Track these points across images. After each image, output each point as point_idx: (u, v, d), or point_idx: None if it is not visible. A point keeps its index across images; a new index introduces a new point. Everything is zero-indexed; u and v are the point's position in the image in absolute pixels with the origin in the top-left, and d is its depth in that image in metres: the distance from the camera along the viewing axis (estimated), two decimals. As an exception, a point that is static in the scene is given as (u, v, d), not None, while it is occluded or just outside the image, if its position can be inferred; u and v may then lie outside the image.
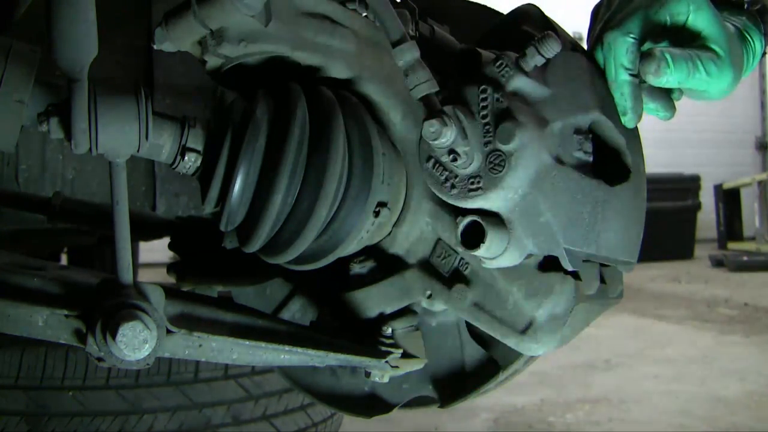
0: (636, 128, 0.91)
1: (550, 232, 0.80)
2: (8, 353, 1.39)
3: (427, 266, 0.91)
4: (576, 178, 0.81)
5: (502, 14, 1.03)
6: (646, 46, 0.85)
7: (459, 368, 0.99)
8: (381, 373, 0.91)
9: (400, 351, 0.91)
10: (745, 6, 0.93)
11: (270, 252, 0.85)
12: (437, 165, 0.82)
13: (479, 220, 0.80)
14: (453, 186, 0.81)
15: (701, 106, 9.55)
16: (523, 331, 0.85)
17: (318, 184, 0.80)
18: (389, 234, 0.93)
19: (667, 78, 0.81)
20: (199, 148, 0.81)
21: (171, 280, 1.12)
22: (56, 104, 0.73)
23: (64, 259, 2.96)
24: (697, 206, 7.89)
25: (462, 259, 0.88)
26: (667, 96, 0.88)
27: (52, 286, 0.76)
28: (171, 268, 1.10)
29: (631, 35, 0.83)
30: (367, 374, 0.92)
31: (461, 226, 0.81)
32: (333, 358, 0.86)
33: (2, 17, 0.88)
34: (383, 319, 0.93)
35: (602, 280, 0.90)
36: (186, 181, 1.62)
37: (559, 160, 0.81)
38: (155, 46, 0.81)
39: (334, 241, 0.85)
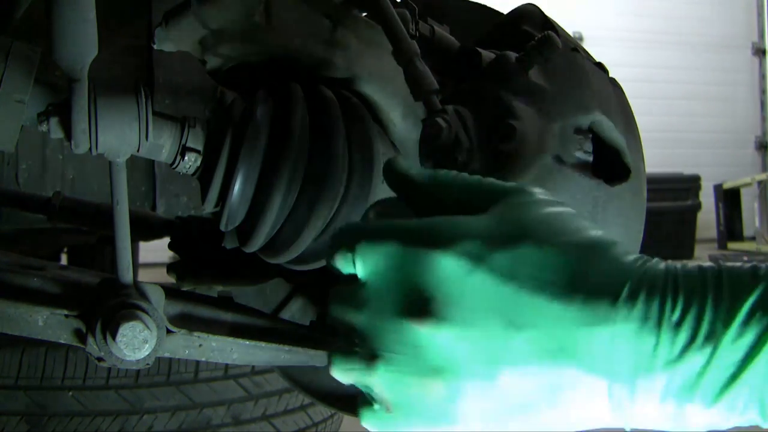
0: (636, 128, 0.91)
1: (550, 232, 0.80)
2: (8, 353, 1.39)
3: (427, 266, 0.91)
4: (576, 178, 0.81)
5: (502, 14, 1.03)
6: None
7: (459, 368, 0.99)
8: (381, 373, 0.91)
9: (400, 351, 0.91)
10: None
11: (270, 252, 0.85)
12: (437, 165, 0.82)
13: (479, 220, 0.80)
14: (453, 186, 0.81)
15: (701, 106, 9.55)
16: (523, 331, 0.85)
17: (318, 184, 0.80)
18: (389, 234, 0.93)
19: None
20: (199, 148, 0.81)
21: (171, 280, 1.11)
22: (56, 104, 0.73)
23: (64, 259, 2.96)
24: (697, 206, 7.88)
25: (462, 258, 0.88)
26: None
27: (52, 286, 0.76)
28: (171, 268, 1.10)
29: None
30: (367, 374, 0.92)
31: (461, 226, 0.81)
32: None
33: (2, 17, 0.88)
34: (383, 319, 0.93)
35: (602, 280, 0.90)
36: (186, 181, 1.62)
37: (559, 160, 0.81)
38: (155, 46, 0.81)
39: (334, 241, 0.85)
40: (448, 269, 0.44)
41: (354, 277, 0.50)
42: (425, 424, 0.48)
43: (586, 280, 0.43)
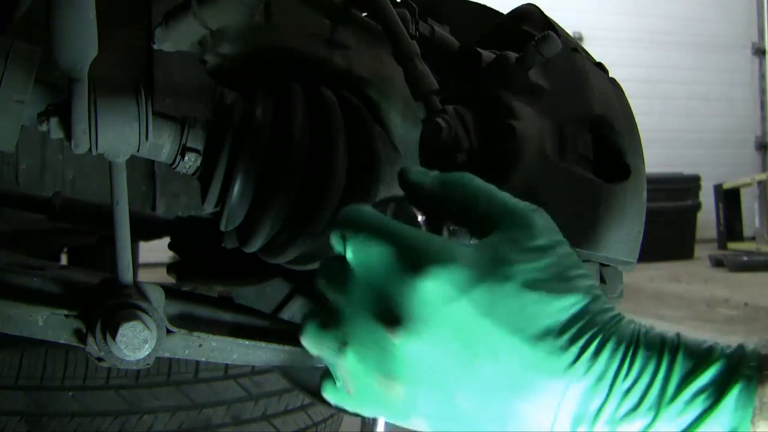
0: (636, 128, 0.91)
1: (550, 232, 0.80)
2: (8, 353, 1.39)
3: (427, 266, 0.90)
4: (576, 177, 0.81)
5: (502, 14, 1.03)
6: None
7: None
8: (381, 373, 0.91)
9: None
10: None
11: (270, 252, 0.85)
12: (437, 165, 0.82)
13: (479, 220, 0.80)
14: (453, 186, 0.81)
15: (700, 106, 9.55)
16: (523, 331, 0.85)
17: (318, 184, 0.80)
18: (389, 234, 0.92)
19: None
20: (199, 148, 0.81)
21: (171, 280, 1.11)
22: (56, 104, 0.73)
23: (64, 259, 2.96)
24: (697, 206, 7.88)
25: (462, 258, 0.88)
26: None
27: (52, 286, 0.76)
28: (171, 268, 1.10)
29: None
30: (367, 374, 0.92)
31: (461, 226, 0.81)
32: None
33: (2, 17, 0.88)
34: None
35: (602, 280, 0.90)
36: (186, 181, 1.62)
37: (559, 160, 0.81)
38: (155, 46, 0.81)
39: (334, 241, 0.85)
40: (431, 293, 0.46)
41: (344, 258, 0.51)
42: (378, 414, 0.51)
43: (558, 333, 0.46)
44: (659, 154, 8.41)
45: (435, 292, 0.46)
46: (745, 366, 0.43)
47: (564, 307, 0.46)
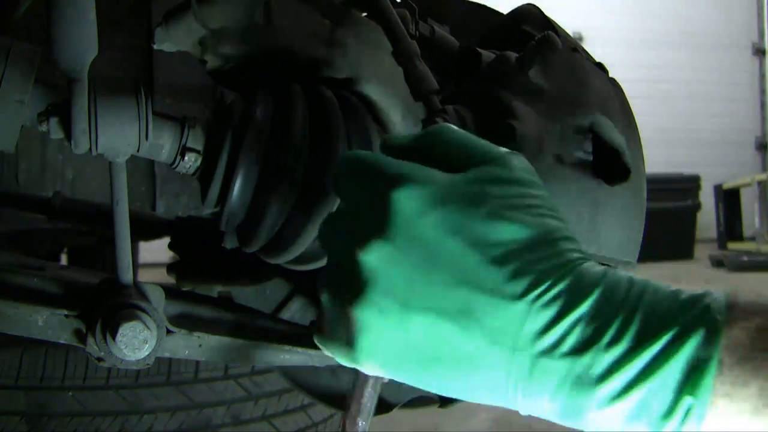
0: (636, 128, 0.91)
1: (550, 232, 0.80)
2: (8, 353, 1.39)
3: (427, 266, 0.90)
4: (576, 178, 0.81)
5: (502, 14, 1.03)
6: None
7: (459, 368, 0.99)
8: (381, 373, 0.91)
9: (400, 351, 0.91)
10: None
11: (270, 252, 0.85)
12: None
13: (479, 220, 0.80)
14: (453, 186, 0.81)
15: (701, 106, 9.55)
16: (523, 331, 0.85)
17: (318, 184, 0.80)
18: (389, 234, 0.92)
19: None
20: (199, 148, 0.81)
21: (171, 280, 1.11)
22: (56, 104, 0.73)
23: (64, 259, 2.96)
24: (697, 206, 7.88)
25: (462, 258, 0.88)
26: None
27: (52, 286, 0.76)
28: (171, 268, 1.10)
29: None
30: (367, 374, 0.92)
31: (461, 226, 0.81)
32: (333, 358, 0.86)
33: (2, 17, 0.88)
34: (383, 319, 0.93)
35: (602, 280, 0.90)
36: (186, 181, 1.62)
37: (559, 160, 0.81)
38: (155, 46, 0.82)
39: (334, 241, 0.85)
40: (404, 205, 0.47)
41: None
42: (339, 354, 0.53)
43: (515, 260, 0.45)
44: (659, 154, 8.40)
45: (407, 204, 0.47)
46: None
47: (527, 237, 0.46)
